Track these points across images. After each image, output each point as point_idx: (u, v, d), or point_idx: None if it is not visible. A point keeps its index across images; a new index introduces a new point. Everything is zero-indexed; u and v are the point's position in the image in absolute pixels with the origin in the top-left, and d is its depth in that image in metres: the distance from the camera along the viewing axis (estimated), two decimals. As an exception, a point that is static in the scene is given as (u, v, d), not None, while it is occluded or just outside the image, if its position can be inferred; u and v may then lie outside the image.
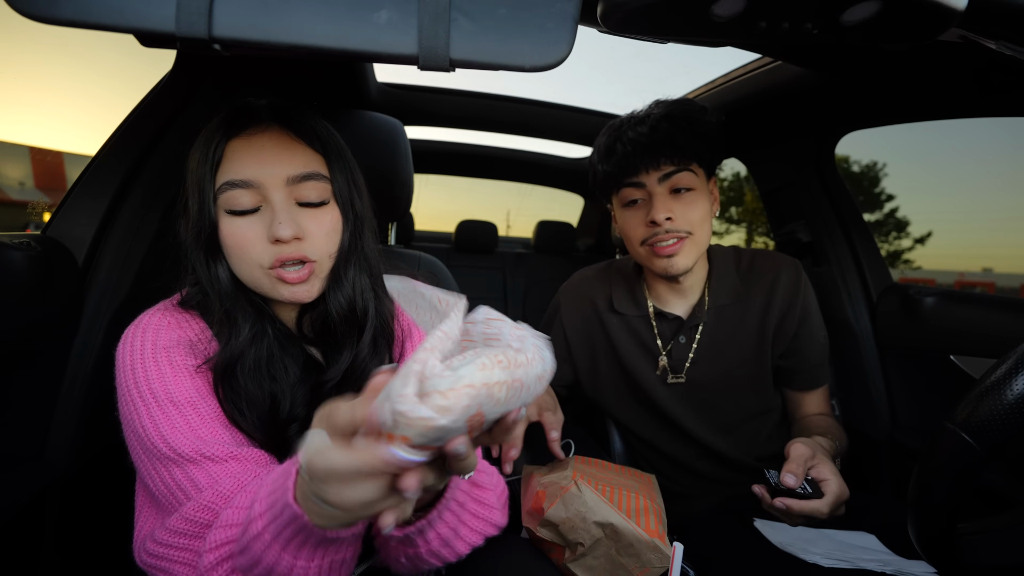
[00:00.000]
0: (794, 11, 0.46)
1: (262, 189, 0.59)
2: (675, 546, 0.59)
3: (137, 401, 0.56)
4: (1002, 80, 0.85)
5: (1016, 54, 0.53)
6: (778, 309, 0.99)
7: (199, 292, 0.63)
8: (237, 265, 0.61)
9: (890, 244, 24.98)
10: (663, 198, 0.93)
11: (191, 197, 0.61)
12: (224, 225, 0.60)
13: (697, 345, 1.01)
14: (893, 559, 0.74)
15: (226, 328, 0.61)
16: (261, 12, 0.35)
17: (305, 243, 0.61)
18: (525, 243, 3.27)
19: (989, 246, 58.48)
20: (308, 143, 0.63)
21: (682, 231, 0.92)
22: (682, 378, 1.02)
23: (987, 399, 0.48)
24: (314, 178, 0.61)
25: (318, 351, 0.69)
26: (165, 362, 0.58)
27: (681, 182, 0.92)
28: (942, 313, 1.17)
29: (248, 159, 0.60)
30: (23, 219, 22.48)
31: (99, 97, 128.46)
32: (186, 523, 0.52)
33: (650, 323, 1.05)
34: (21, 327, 0.79)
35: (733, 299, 1.01)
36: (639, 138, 0.91)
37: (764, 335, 1.00)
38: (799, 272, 1.01)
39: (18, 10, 0.34)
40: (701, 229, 0.94)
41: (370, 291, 0.69)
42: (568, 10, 0.37)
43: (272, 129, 0.62)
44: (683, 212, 0.92)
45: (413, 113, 1.75)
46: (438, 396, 0.32)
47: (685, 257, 0.94)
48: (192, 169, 0.61)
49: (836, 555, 0.74)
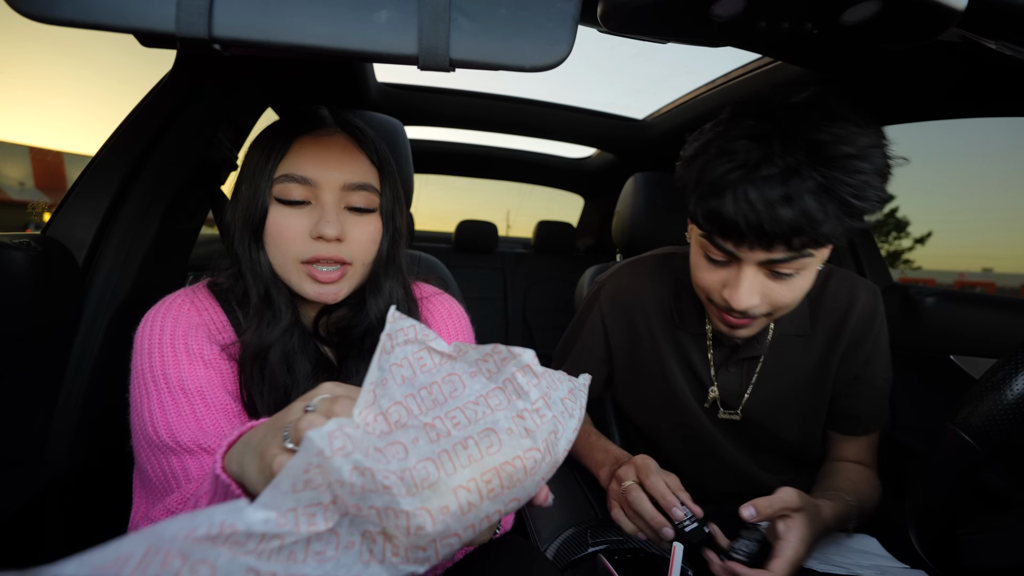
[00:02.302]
0: (794, 11, 0.46)
1: (317, 188, 0.63)
2: (675, 546, 0.59)
3: (150, 385, 0.58)
4: (1002, 80, 0.85)
5: (1016, 54, 0.53)
6: (846, 342, 0.83)
7: (233, 276, 0.66)
8: (274, 254, 0.64)
9: (890, 244, 24.98)
10: (752, 279, 0.69)
11: (246, 183, 0.64)
12: (272, 213, 0.63)
13: (757, 379, 0.86)
14: (892, 565, 0.74)
15: (260, 314, 0.64)
16: (261, 12, 0.35)
17: (344, 245, 0.64)
18: (525, 243, 3.27)
19: (989, 246, 58.40)
20: (368, 155, 0.67)
21: (761, 314, 0.73)
22: (736, 415, 0.87)
23: (986, 399, 0.48)
24: (367, 189, 0.65)
25: (332, 352, 0.71)
26: (182, 348, 0.60)
27: (788, 268, 0.68)
28: (942, 313, 1.17)
29: (311, 158, 0.63)
30: (23, 219, 22.47)
31: (99, 97, 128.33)
32: (167, 514, 0.53)
33: (706, 345, 0.88)
34: (21, 327, 0.79)
35: (801, 331, 0.85)
36: (763, 210, 0.61)
37: (826, 371, 0.84)
38: (877, 301, 0.84)
39: (18, 10, 0.34)
40: (792, 304, 0.73)
41: (404, 301, 0.72)
42: (568, 10, 0.37)
43: (338, 136, 0.66)
44: (770, 291, 0.70)
45: (413, 113, 1.75)
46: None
47: (753, 330, 0.77)
48: (252, 157, 0.65)
49: (834, 559, 0.74)
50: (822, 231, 0.61)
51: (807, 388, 0.86)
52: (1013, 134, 55.85)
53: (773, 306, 0.72)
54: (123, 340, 0.99)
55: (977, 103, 0.97)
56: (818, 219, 0.61)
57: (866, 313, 0.83)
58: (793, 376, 0.86)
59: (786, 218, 0.60)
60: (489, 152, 2.46)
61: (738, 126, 0.65)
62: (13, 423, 0.83)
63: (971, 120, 1.05)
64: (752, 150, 0.62)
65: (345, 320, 0.70)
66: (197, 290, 0.67)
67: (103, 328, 0.94)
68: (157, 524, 0.27)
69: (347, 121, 0.68)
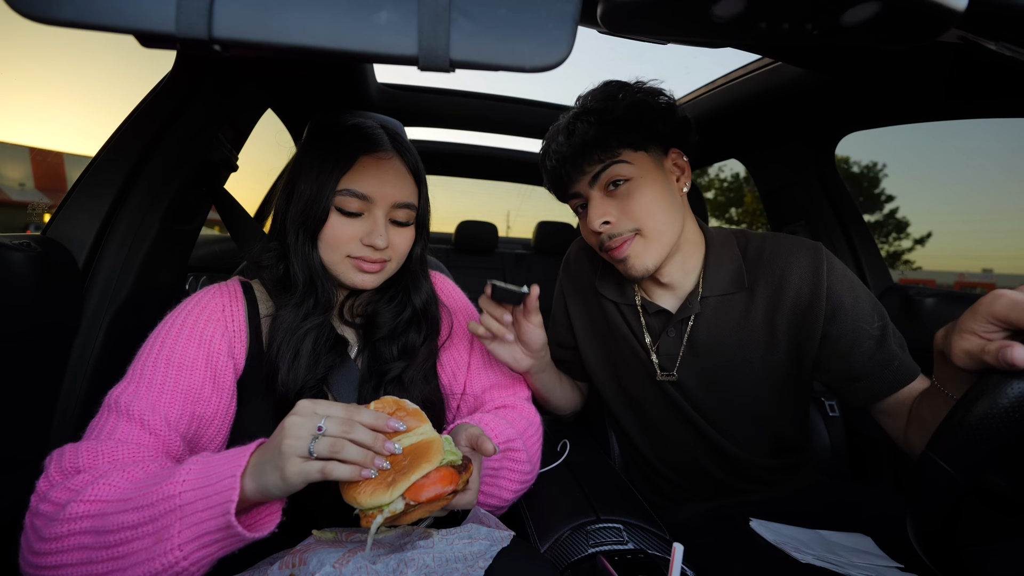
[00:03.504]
0: (794, 11, 0.46)
1: (372, 204, 0.73)
2: (675, 547, 0.59)
3: (148, 344, 0.67)
4: (1002, 81, 0.85)
5: (1016, 55, 0.53)
6: (791, 301, 0.84)
7: (276, 257, 0.75)
8: (326, 251, 0.73)
9: (890, 245, 24.99)
10: (597, 201, 0.85)
11: (306, 183, 0.72)
12: (332, 219, 0.72)
13: (688, 340, 0.90)
14: (887, 564, 0.73)
15: (304, 297, 0.73)
16: (261, 12, 0.35)
17: (387, 251, 0.75)
18: (525, 244, 3.27)
19: (989, 247, 58.49)
20: (413, 176, 0.78)
21: (624, 231, 0.84)
22: (673, 376, 0.92)
23: (952, 423, 0.48)
24: (409, 207, 0.76)
25: (353, 332, 0.81)
26: (190, 325, 0.69)
27: (612, 175, 0.84)
28: (942, 314, 1.17)
29: (372, 178, 0.72)
30: (23, 220, 22.48)
31: (99, 97, 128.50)
32: (75, 458, 0.57)
33: (638, 314, 0.96)
34: (21, 328, 0.79)
35: (734, 289, 0.88)
36: (560, 148, 0.86)
37: (774, 332, 0.86)
38: (820, 256, 0.83)
39: (18, 10, 0.34)
40: (652, 219, 0.83)
41: (434, 294, 0.86)
42: (568, 10, 0.37)
43: (395, 158, 0.75)
44: (622, 208, 0.84)
45: (413, 113, 1.75)
46: None
47: (641, 257, 0.85)
48: (311, 161, 0.73)
49: (828, 558, 0.73)
50: (595, 135, 0.82)
51: (754, 350, 0.87)
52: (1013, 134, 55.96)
53: (632, 219, 0.83)
54: (123, 340, 0.99)
55: (977, 104, 0.97)
56: (587, 129, 0.82)
57: (808, 267, 0.83)
58: (738, 339, 0.88)
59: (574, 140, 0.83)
60: (489, 152, 2.46)
61: None
62: (13, 423, 0.83)
63: (971, 120, 1.05)
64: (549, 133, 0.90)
65: (372, 306, 0.81)
66: (230, 285, 0.77)
67: (103, 328, 0.94)
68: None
69: (400, 143, 0.77)
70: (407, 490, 0.52)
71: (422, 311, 0.82)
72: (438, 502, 0.54)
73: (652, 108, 0.84)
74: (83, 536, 0.50)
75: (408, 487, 0.52)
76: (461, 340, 0.89)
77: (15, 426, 0.83)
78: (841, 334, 0.81)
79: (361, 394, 0.76)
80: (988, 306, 0.50)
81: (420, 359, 0.80)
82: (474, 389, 0.86)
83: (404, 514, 0.53)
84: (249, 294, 0.77)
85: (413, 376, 0.78)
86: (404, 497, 0.52)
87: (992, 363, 0.49)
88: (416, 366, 0.79)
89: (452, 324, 0.88)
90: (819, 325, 0.82)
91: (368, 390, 0.76)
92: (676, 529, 0.91)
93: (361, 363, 0.80)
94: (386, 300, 0.82)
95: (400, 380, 0.78)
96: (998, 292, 0.50)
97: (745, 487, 0.96)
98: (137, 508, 0.49)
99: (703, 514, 0.94)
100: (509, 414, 0.82)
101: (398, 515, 0.52)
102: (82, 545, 0.50)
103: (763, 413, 0.91)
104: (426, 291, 0.84)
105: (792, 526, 0.84)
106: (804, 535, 0.81)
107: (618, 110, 0.82)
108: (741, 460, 0.93)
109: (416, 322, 0.82)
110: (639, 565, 0.69)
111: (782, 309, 0.85)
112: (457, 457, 0.57)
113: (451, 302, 0.92)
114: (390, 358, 0.78)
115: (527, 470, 0.78)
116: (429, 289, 0.85)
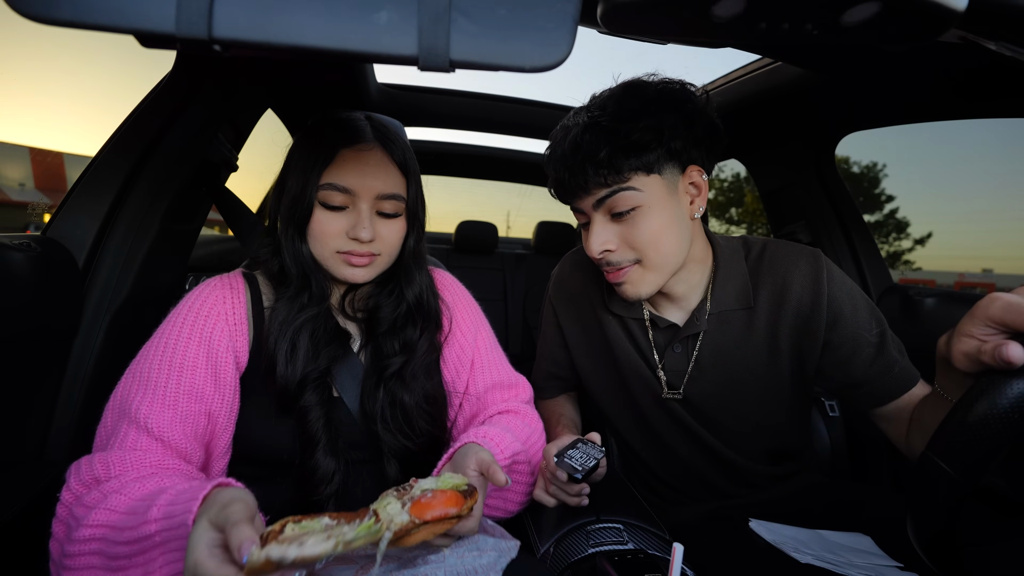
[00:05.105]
0: (794, 12, 0.46)
1: (355, 196, 0.72)
2: (675, 547, 0.59)
3: (152, 344, 0.68)
4: (1002, 81, 0.85)
5: (1016, 55, 0.53)
6: (792, 311, 0.82)
7: (271, 251, 0.76)
8: (315, 245, 0.74)
9: (890, 245, 24.98)
10: (599, 227, 0.79)
11: (293, 178, 0.72)
12: (317, 214, 0.72)
13: (696, 358, 0.87)
14: (886, 564, 0.73)
15: (298, 292, 0.74)
16: (261, 12, 0.35)
17: (375, 243, 0.74)
18: (525, 244, 3.27)
19: (989, 247, 58.49)
20: (399, 166, 0.76)
21: (624, 261, 0.79)
22: (679, 395, 0.89)
23: (951, 423, 0.48)
24: (395, 198, 0.74)
25: (355, 326, 0.81)
26: (191, 323, 0.70)
27: (618, 205, 0.76)
28: (942, 314, 1.17)
29: (353, 170, 0.72)
30: (23, 220, 22.48)
31: (99, 97, 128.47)
32: (91, 470, 0.59)
33: (646, 328, 0.92)
34: (21, 328, 0.79)
35: (739, 306, 0.86)
36: (565, 161, 0.78)
37: (777, 342, 0.84)
38: (819, 264, 0.82)
39: (18, 10, 0.34)
40: (656, 251, 0.78)
41: (432, 288, 0.85)
42: (568, 10, 0.37)
43: (376, 149, 0.74)
44: (624, 236, 0.78)
45: (413, 114, 1.75)
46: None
47: (636, 285, 0.81)
48: (298, 157, 0.73)
49: (828, 557, 0.73)
50: (605, 158, 0.74)
51: (759, 363, 0.86)
52: (1013, 135, 55.99)
53: (634, 249, 0.78)
54: (123, 340, 0.99)
55: (977, 104, 0.97)
56: (597, 148, 0.74)
57: (808, 275, 0.82)
58: (743, 352, 0.86)
59: (579, 156, 0.75)
60: (489, 153, 2.46)
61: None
62: (13, 423, 0.83)
63: (971, 121, 1.05)
64: (559, 128, 0.82)
65: (373, 300, 0.81)
66: (233, 277, 0.77)
67: (103, 329, 0.94)
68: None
69: (383, 135, 0.76)
70: (412, 506, 0.53)
71: (415, 304, 0.82)
72: (442, 524, 0.54)
73: (674, 127, 0.75)
74: (92, 557, 0.54)
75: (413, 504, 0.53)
76: (465, 336, 0.88)
77: (15, 426, 0.83)
78: (842, 342, 0.81)
79: (364, 388, 0.76)
80: (985, 309, 0.51)
81: (420, 354, 0.80)
82: (476, 388, 0.85)
83: (408, 535, 0.53)
84: (253, 285, 0.77)
85: (415, 371, 0.78)
86: (410, 514, 0.53)
87: (989, 362, 0.49)
88: (416, 361, 0.79)
89: (452, 319, 0.88)
90: (820, 333, 0.82)
91: (371, 385, 0.76)
92: (676, 529, 0.91)
93: (364, 357, 0.80)
94: (386, 294, 0.82)
95: (401, 375, 0.77)
96: (994, 295, 0.51)
97: (745, 493, 0.96)
98: (127, 542, 0.52)
99: (703, 515, 0.94)
100: (512, 422, 0.81)
101: (402, 535, 0.52)
102: (91, 565, 0.54)
103: (767, 422, 0.90)
104: (420, 284, 0.82)
105: (791, 526, 0.84)
106: (803, 535, 0.81)
107: (634, 133, 0.73)
108: (743, 468, 0.92)
109: (411, 316, 0.81)
110: (639, 565, 0.69)
111: (784, 319, 0.84)
112: (462, 483, 0.58)
113: (451, 296, 0.91)
114: (391, 353, 0.78)
115: (531, 481, 0.79)
116: (425, 282, 0.84)
